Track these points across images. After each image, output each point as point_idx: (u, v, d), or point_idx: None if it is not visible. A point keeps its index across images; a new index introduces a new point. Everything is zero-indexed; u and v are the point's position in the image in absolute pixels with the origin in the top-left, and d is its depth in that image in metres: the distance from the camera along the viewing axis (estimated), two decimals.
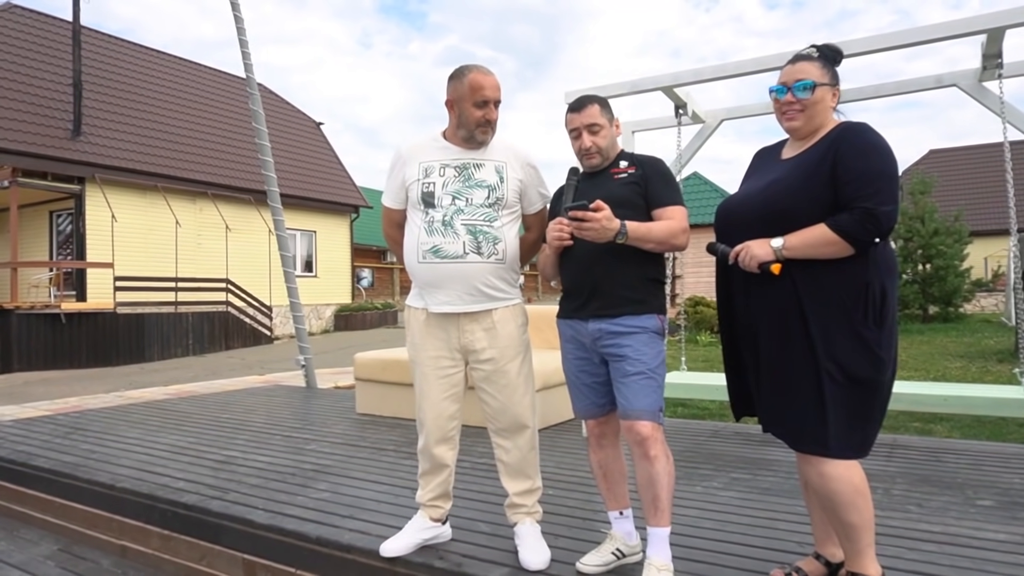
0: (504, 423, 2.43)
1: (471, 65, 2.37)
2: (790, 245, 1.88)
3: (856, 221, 1.81)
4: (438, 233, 2.33)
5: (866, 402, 1.87)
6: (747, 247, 1.94)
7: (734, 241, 2.00)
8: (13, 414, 5.94)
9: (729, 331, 2.13)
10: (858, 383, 1.85)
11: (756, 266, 1.92)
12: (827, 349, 1.85)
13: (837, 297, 1.86)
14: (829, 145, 1.92)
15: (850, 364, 1.85)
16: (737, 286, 2.05)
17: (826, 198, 1.87)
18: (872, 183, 1.82)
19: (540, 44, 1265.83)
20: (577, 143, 2.27)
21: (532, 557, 2.30)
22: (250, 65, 6.69)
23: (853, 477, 1.87)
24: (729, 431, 4.47)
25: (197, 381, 8.83)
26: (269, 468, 3.64)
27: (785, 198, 1.93)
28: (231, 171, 17.07)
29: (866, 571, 1.91)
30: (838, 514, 1.89)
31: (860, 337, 1.85)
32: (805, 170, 1.93)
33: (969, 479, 3.22)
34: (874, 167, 1.84)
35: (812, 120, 1.99)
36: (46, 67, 14.90)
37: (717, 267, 2.14)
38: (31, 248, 15.47)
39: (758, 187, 2.04)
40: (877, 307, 1.87)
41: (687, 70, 4.21)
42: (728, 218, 2.09)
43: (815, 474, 1.91)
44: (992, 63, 3.68)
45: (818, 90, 1.96)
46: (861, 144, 1.87)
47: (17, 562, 3.11)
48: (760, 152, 2.25)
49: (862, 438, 1.89)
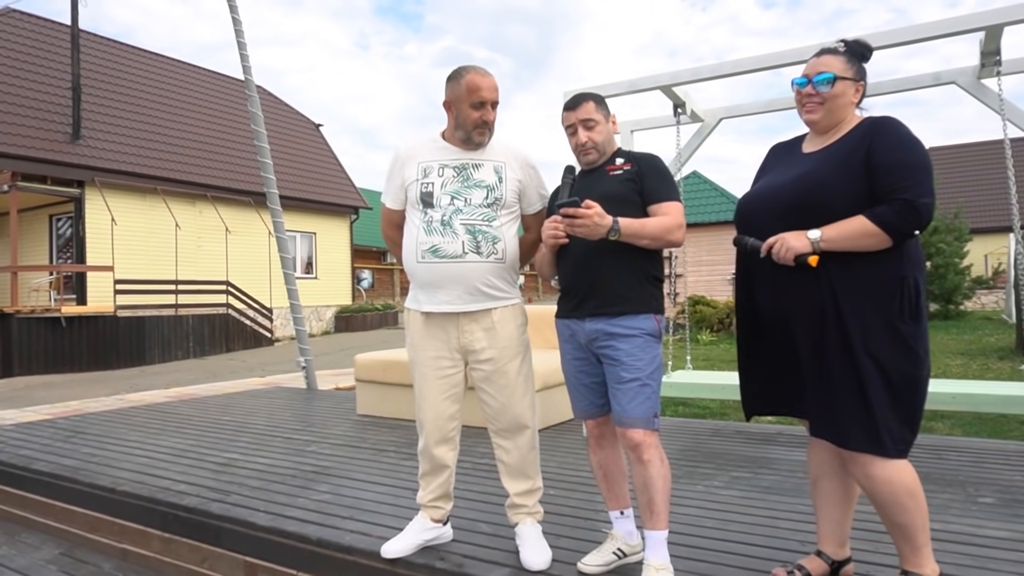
0: (504, 423, 2.43)
1: (469, 66, 2.37)
2: (828, 237, 1.83)
3: (896, 212, 1.78)
4: (437, 233, 2.33)
5: (907, 399, 1.83)
6: (782, 239, 1.88)
7: (761, 235, 1.95)
8: (14, 418, 5.94)
9: (748, 327, 2.08)
10: (898, 379, 1.81)
11: (792, 259, 1.86)
12: (865, 345, 1.82)
13: (874, 291, 1.83)
14: (862, 137, 1.89)
15: (889, 360, 1.81)
16: (762, 281, 2.00)
17: (861, 190, 1.84)
18: (911, 175, 1.80)
19: (536, 45, 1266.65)
20: (573, 139, 2.27)
21: (533, 557, 2.30)
22: (248, 67, 6.69)
23: (904, 477, 1.82)
24: (730, 430, 4.47)
25: (198, 384, 8.83)
26: (270, 470, 3.64)
27: (819, 189, 1.89)
28: (230, 173, 17.08)
29: (921, 570, 1.87)
30: (887, 515, 1.86)
31: (897, 332, 1.82)
32: (838, 161, 1.90)
33: (971, 476, 3.22)
34: (911, 159, 1.82)
35: (832, 114, 1.97)
36: (45, 71, 14.91)
37: (738, 261, 2.10)
38: (31, 252, 15.47)
39: (787, 179, 1.99)
40: (913, 301, 1.83)
41: (685, 69, 4.21)
42: (753, 211, 2.04)
43: (861, 475, 1.86)
44: (991, 60, 3.68)
45: (839, 84, 1.94)
46: (896, 137, 1.85)
47: (19, 567, 3.11)
48: (776, 147, 2.21)
49: (906, 436, 1.84)
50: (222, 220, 16.21)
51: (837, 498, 2.07)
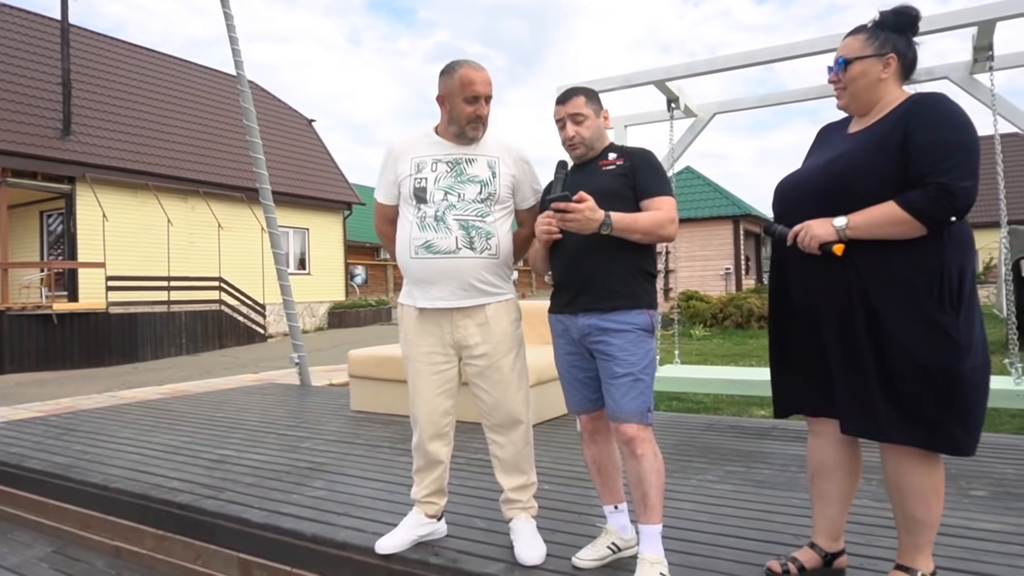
0: (498, 419, 2.43)
1: (462, 61, 2.35)
2: (854, 224, 1.75)
3: (930, 198, 1.67)
4: (430, 228, 2.32)
5: (949, 394, 1.72)
6: (807, 227, 1.82)
7: (793, 221, 1.88)
8: (5, 415, 5.91)
9: (779, 320, 2.02)
10: (936, 374, 1.72)
11: (816, 247, 1.80)
12: (896, 338, 1.74)
13: (907, 280, 1.73)
14: (900, 117, 1.78)
15: (921, 352, 1.72)
16: (794, 270, 1.93)
17: (894, 174, 1.74)
18: (949, 157, 1.68)
19: (530, 40, 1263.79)
20: (562, 133, 2.27)
21: (528, 552, 2.30)
22: (240, 62, 6.65)
23: (933, 473, 1.79)
24: (724, 425, 4.48)
25: (191, 380, 8.80)
26: (264, 466, 3.63)
27: (849, 174, 1.80)
28: (222, 169, 16.99)
29: (916, 565, 1.86)
30: (905, 507, 1.83)
31: (934, 323, 1.72)
32: (873, 144, 1.80)
33: (962, 470, 3.24)
34: (950, 139, 1.70)
35: (857, 97, 1.89)
36: (34, 66, 14.78)
37: (772, 250, 2.04)
38: (21, 249, 15.37)
39: (820, 163, 1.93)
40: (954, 290, 1.73)
41: (679, 64, 4.22)
42: (786, 197, 1.97)
43: (892, 463, 1.83)
44: (983, 55, 3.69)
45: (854, 65, 1.86)
46: (937, 115, 1.74)
47: (11, 565, 3.09)
48: (825, 128, 2.13)
49: (953, 432, 1.74)
50: (214, 216, 16.13)
51: (835, 495, 2.06)
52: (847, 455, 2.02)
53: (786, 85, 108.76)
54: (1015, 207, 19.52)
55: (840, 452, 2.02)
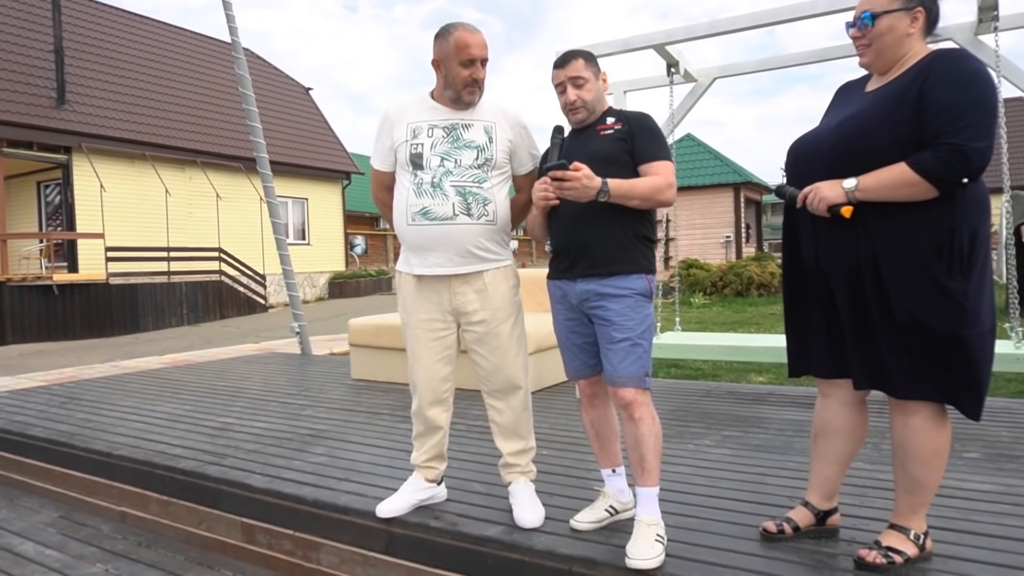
0: (497, 384, 2.44)
1: (457, 23, 2.31)
2: (864, 186, 1.72)
3: (941, 159, 1.63)
4: (427, 195, 2.31)
5: (955, 359, 1.72)
6: (816, 189, 1.79)
7: (805, 183, 1.85)
8: (8, 385, 5.95)
9: (794, 283, 2.02)
10: (942, 339, 1.71)
11: (825, 209, 1.77)
12: (904, 303, 1.73)
13: (916, 244, 1.71)
14: (917, 75, 1.73)
15: (929, 317, 1.71)
16: (805, 233, 1.92)
17: (908, 135, 1.70)
18: (962, 116, 1.63)
19: (527, 5, 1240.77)
20: (563, 98, 2.24)
21: (527, 515, 2.33)
22: (235, 28, 6.55)
23: (941, 434, 1.79)
24: (721, 391, 4.52)
25: (192, 350, 8.84)
26: (266, 434, 3.66)
27: (861, 134, 1.76)
28: (220, 139, 16.85)
29: (910, 525, 1.88)
30: (908, 467, 1.84)
31: (942, 287, 1.70)
32: (887, 103, 1.76)
33: (957, 432, 3.25)
34: (966, 97, 1.65)
35: (883, 54, 1.83)
36: (26, 34, 14.56)
37: (784, 213, 2.01)
38: (19, 219, 15.31)
39: (834, 122, 1.88)
40: (964, 255, 1.70)
41: (680, 27, 4.16)
42: (798, 158, 1.94)
43: (900, 423, 1.83)
44: (988, 16, 3.63)
45: (882, 20, 1.79)
46: (953, 72, 1.68)
47: (19, 529, 3.15)
48: (843, 86, 2.08)
49: (960, 396, 1.75)
50: (212, 186, 16.04)
51: (835, 456, 2.06)
52: (853, 419, 2.03)
53: (787, 51, 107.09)
54: (1018, 172, 19.37)
55: (847, 415, 2.02)
